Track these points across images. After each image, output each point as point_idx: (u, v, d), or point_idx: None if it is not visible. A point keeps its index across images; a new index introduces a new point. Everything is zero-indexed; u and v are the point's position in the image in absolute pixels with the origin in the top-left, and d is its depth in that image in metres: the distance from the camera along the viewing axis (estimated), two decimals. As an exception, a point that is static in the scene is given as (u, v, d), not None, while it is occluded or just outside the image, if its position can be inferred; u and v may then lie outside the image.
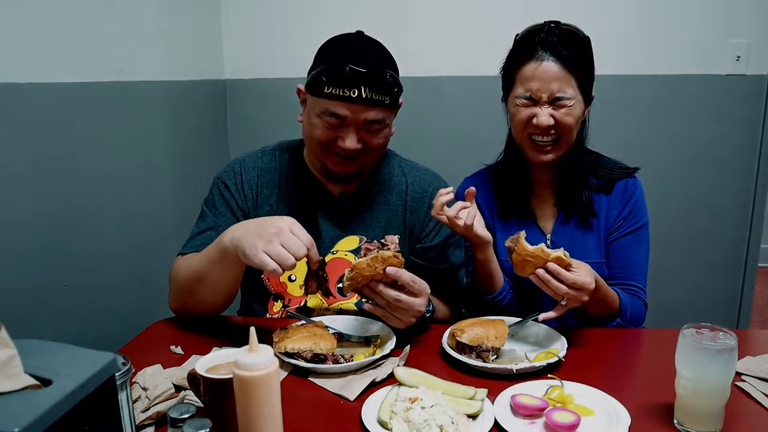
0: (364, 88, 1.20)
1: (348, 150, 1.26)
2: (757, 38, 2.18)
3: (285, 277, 1.36)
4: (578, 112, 1.31)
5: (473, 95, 2.33)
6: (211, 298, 1.24)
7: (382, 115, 1.26)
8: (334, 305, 1.36)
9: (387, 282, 1.11)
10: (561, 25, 1.31)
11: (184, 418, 0.70)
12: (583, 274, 1.14)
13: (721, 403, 0.90)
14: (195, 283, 1.22)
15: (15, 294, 1.46)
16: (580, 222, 1.40)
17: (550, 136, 1.31)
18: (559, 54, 1.27)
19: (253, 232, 1.08)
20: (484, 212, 1.46)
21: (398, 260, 1.10)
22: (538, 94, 1.28)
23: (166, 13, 2.03)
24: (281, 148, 1.43)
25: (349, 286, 1.11)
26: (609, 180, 1.41)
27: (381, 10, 2.29)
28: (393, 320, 1.15)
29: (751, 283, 2.35)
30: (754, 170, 2.27)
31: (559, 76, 1.27)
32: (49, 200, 1.56)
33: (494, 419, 0.92)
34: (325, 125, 1.26)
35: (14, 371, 0.58)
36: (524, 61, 1.30)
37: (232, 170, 1.39)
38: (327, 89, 1.22)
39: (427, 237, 1.40)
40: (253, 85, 2.47)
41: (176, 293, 1.28)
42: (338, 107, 1.22)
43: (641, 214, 1.41)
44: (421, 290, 1.13)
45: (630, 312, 1.32)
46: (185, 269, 1.25)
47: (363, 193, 1.39)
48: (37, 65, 1.50)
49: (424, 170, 1.44)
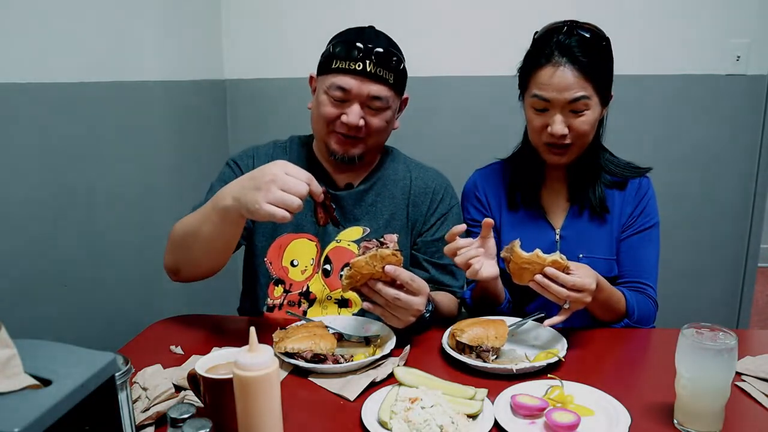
0: (370, 63, 1.27)
1: (351, 124, 1.28)
2: (757, 38, 2.18)
3: (287, 261, 1.37)
4: (594, 117, 1.29)
5: (477, 95, 2.33)
6: (205, 256, 1.24)
7: (385, 93, 1.30)
8: (335, 292, 1.37)
9: (386, 281, 1.11)
10: (580, 26, 1.28)
11: (184, 418, 0.70)
12: (582, 276, 1.13)
13: (721, 403, 0.90)
14: (191, 238, 1.21)
15: (15, 294, 1.46)
16: (592, 217, 1.40)
17: (565, 141, 1.30)
18: (576, 59, 1.24)
19: (249, 187, 1.07)
20: (492, 207, 1.46)
21: (397, 259, 1.10)
22: (553, 100, 1.26)
23: (166, 13, 2.03)
24: (292, 140, 1.48)
25: (348, 285, 1.11)
26: (623, 177, 1.41)
27: (382, 10, 2.30)
28: (392, 320, 1.15)
29: (751, 283, 2.35)
30: (754, 170, 2.27)
31: (575, 84, 1.24)
32: (49, 200, 1.56)
33: (494, 419, 0.92)
34: (330, 100, 1.30)
35: (14, 371, 0.58)
36: (540, 65, 1.27)
37: (246, 154, 1.44)
38: (335, 64, 1.28)
39: (428, 231, 1.41)
40: (253, 85, 2.47)
41: (170, 247, 1.28)
42: (344, 80, 1.28)
43: (653, 214, 1.41)
44: (419, 289, 1.13)
45: (638, 312, 1.31)
46: (182, 225, 1.25)
47: (368, 186, 1.41)
48: (37, 65, 1.51)
49: (428, 168, 1.47)
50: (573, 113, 1.27)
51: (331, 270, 1.38)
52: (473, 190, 1.50)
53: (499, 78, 2.26)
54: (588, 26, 1.29)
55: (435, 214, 1.41)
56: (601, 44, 1.29)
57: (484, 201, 1.47)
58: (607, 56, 1.30)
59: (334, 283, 1.37)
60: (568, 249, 1.37)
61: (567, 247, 1.38)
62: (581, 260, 1.34)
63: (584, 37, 1.26)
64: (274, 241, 1.38)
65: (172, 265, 1.30)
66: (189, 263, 1.26)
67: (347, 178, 1.42)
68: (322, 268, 1.38)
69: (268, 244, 1.38)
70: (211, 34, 2.39)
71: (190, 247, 1.22)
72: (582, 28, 1.28)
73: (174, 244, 1.27)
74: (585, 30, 1.28)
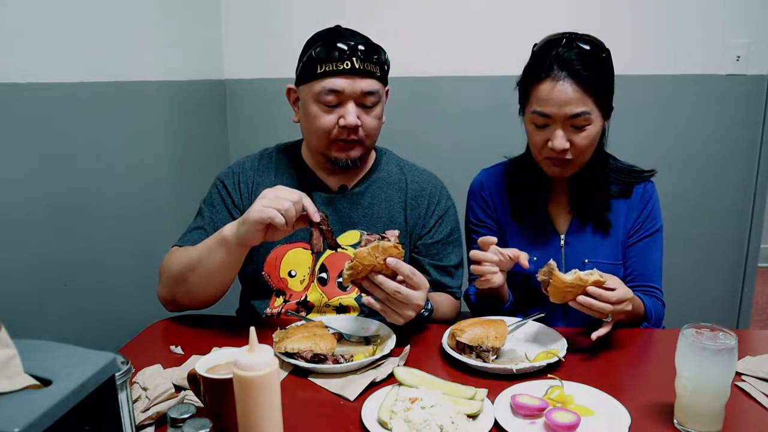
0: (356, 59, 1.25)
1: (350, 125, 1.27)
2: (757, 38, 2.18)
3: (285, 272, 1.37)
4: (595, 131, 1.27)
5: (471, 96, 2.33)
6: (202, 288, 1.24)
7: (376, 86, 1.29)
8: (333, 300, 1.36)
9: (387, 274, 1.11)
10: (579, 38, 1.25)
11: (184, 418, 0.70)
12: (619, 287, 1.13)
13: (721, 403, 0.90)
14: (188, 270, 1.22)
15: (15, 294, 1.46)
16: (596, 228, 1.39)
17: (566, 156, 1.28)
18: (576, 73, 1.21)
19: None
20: (496, 208, 1.46)
21: (398, 251, 1.10)
22: (554, 115, 1.24)
23: (165, 13, 2.03)
24: (278, 149, 1.47)
25: (350, 276, 1.11)
26: (628, 185, 1.40)
27: (381, 10, 2.30)
28: (392, 315, 1.14)
29: (751, 283, 2.35)
30: (754, 170, 2.27)
31: (574, 98, 1.22)
32: (49, 200, 1.56)
33: (494, 419, 0.92)
34: (323, 109, 1.28)
35: (14, 371, 0.58)
36: (540, 79, 1.24)
37: (231, 171, 1.42)
38: (320, 69, 1.26)
39: (428, 234, 1.41)
40: (253, 85, 2.47)
41: (166, 281, 1.28)
42: (334, 82, 1.26)
43: (658, 218, 1.41)
44: (420, 283, 1.13)
45: (654, 315, 1.32)
46: (179, 258, 1.26)
47: (363, 189, 1.40)
48: (37, 65, 1.50)
49: (422, 170, 1.47)
50: (574, 128, 1.25)
51: (328, 278, 1.37)
52: (479, 190, 1.49)
53: (498, 78, 2.27)
54: (588, 38, 1.26)
55: (433, 217, 1.41)
56: (601, 56, 1.26)
57: (489, 201, 1.47)
58: (607, 68, 1.28)
59: (331, 291, 1.36)
60: (573, 254, 1.38)
61: (572, 252, 1.39)
62: (587, 266, 1.35)
63: (584, 49, 1.24)
64: (269, 254, 1.37)
65: (167, 298, 1.30)
66: (183, 295, 1.27)
67: (340, 180, 1.40)
68: (318, 277, 1.37)
69: (264, 258, 1.37)
70: (211, 34, 2.39)
71: (186, 278, 1.23)
72: (581, 40, 1.25)
73: (169, 277, 1.27)
74: (584, 42, 1.25)
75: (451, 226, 1.42)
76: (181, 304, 1.29)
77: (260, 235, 1.13)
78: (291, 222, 1.10)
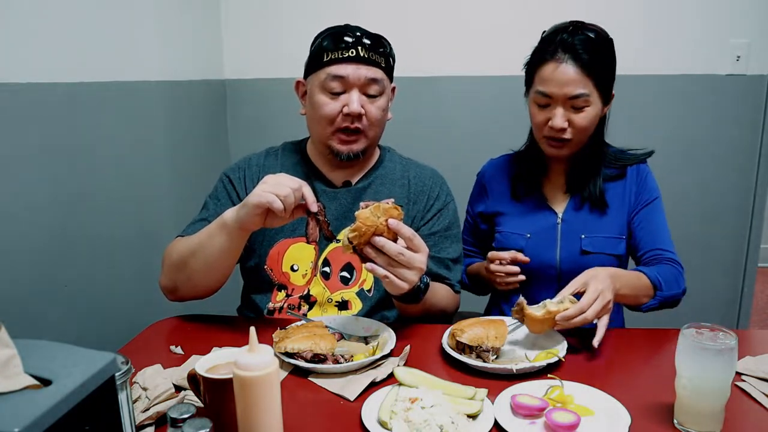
0: (361, 48, 1.29)
1: (353, 113, 1.29)
2: (757, 38, 2.18)
3: (287, 266, 1.37)
4: (594, 113, 1.33)
5: (472, 96, 2.33)
6: (203, 274, 1.25)
7: (380, 75, 1.32)
8: (335, 294, 1.37)
9: (389, 238, 1.11)
10: (585, 26, 1.33)
11: (184, 418, 0.70)
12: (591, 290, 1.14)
13: (721, 403, 0.90)
14: (189, 256, 1.24)
15: (15, 294, 1.46)
16: (593, 208, 1.44)
17: (564, 135, 1.34)
18: (578, 57, 1.29)
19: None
20: (493, 195, 1.53)
21: (398, 212, 1.12)
22: (555, 95, 1.31)
23: (165, 13, 2.03)
24: (284, 147, 1.48)
25: (353, 239, 1.10)
26: (622, 168, 1.45)
27: (382, 10, 2.30)
28: (395, 280, 1.12)
29: (751, 283, 2.36)
30: (753, 170, 2.27)
31: (575, 79, 1.29)
32: (49, 200, 1.56)
33: (494, 419, 0.92)
34: (328, 96, 1.31)
35: (14, 371, 0.58)
36: (544, 61, 1.32)
37: (237, 166, 1.45)
38: (327, 57, 1.30)
39: (426, 225, 1.42)
40: (253, 85, 2.47)
41: (168, 268, 1.29)
42: (339, 68, 1.29)
43: (654, 189, 1.46)
44: (420, 246, 1.14)
45: (663, 281, 1.32)
46: (181, 245, 1.27)
47: (366, 184, 1.42)
48: (37, 65, 1.51)
49: (425, 166, 1.49)
50: (574, 109, 1.32)
51: (331, 272, 1.37)
52: (481, 178, 1.58)
53: (499, 78, 2.27)
54: (593, 27, 1.34)
55: (432, 210, 1.42)
56: (604, 44, 1.33)
57: (488, 188, 1.54)
58: (609, 55, 1.35)
59: (334, 285, 1.37)
60: (569, 230, 1.43)
61: (568, 229, 1.43)
62: (583, 240, 1.40)
63: (588, 36, 1.31)
64: (272, 248, 1.37)
65: (168, 285, 1.31)
66: (185, 281, 1.27)
67: (345, 175, 1.42)
68: (321, 271, 1.37)
69: (267, 252, 1.38)
70: (211, 34, 2.39)
71: (187, 263, 1.24)
72: (587, 28, 1.33)
73: (171, 264, 1.28)
74: (589, 30, 1.33)
75: (449, 220, 1.43)
76: (182, 291, 1.30)
77: (259, 220, 1.14)
78: (289, 209, 1.12)
